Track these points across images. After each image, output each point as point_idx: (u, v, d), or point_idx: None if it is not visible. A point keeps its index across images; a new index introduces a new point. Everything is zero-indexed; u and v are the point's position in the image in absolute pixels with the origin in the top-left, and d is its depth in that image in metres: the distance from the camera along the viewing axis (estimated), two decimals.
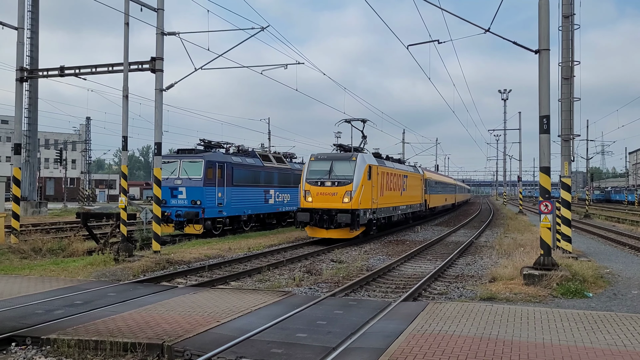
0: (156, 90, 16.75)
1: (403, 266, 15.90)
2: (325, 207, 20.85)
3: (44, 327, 7.96)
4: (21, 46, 19.31)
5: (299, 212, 21.18)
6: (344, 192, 20.83)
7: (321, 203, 21.04)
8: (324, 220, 20.82)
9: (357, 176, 21.08)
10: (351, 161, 21.59)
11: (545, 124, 12.13)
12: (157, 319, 8.38)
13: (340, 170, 21.51)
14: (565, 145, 16.40)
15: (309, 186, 21.49)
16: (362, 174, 21.23)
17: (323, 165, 21.84)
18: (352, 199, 20.72)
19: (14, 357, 7.05)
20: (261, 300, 9.81)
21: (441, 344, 7.05)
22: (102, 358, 6.95)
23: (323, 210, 20.83)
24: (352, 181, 20.94)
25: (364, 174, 21.34)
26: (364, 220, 21.38)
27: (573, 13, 16.17)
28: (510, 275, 12.43)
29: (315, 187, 21.35)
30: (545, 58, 12.22)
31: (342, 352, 6.79)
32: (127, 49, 16.50)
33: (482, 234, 27.23)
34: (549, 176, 12.34)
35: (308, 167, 22.13)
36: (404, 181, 29.27)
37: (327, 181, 21.32)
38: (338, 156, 22.37)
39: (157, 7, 16.75)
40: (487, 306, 9.49)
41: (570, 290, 10.97)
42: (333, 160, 21.90)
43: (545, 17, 12.21)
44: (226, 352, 6.70)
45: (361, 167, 21.38)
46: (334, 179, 21.27)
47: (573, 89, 16.24)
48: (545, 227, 12.06)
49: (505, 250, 17.81)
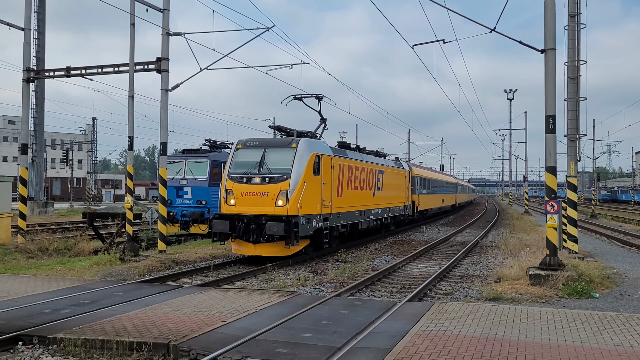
0: (162, 91, 16.81)
1: (408, 266, 15.88)
2: (253, 212, 15.25)
3: (50, 326, 8.00)
4: (28, 47, 19.41)
5: (216, 219, 15.60)
6: (277, 191, 15.18)
7: (247, 207, 15.41)
8: (250, 232, 15.16)
9: (298, 169, 15.44)
10: (290, 149, 15.89)
11: (552, 123, 12.08)
12: (163, 318, 8.41)
13: (274, 161, 15.86)
14: (571, 145, 16.34)
15: (231, 183, 15.80)
16: (305, 166, 15.56)
17: (252, 155, 16.16)
18: (288, 201, 15.01)
19: (21, 357, 7.09)
20: (266, 300, 9.83)
21: (447, 344, 7.04)
22: (109, 357, 6.98)
23: (249, 217, 15.21)
24: (290, 176, 15.28)
25: (308, 167, 15.68)
26: (308, 231, 15.62)
27: (579, 12, 16.12)
28: (516, 275, 12.39)
29: (239, 185, 15.68)
30: (551, 57, 12.18)
31: (347, 352, 6.79)
32: (133, 49, 16.56)
33: (487, 234, 27.15)
34: (555, 176, 12.29)
35: (232, 157, 16.50)
36: (379, 178, 23.12)
37: (256, 176, 15.62)
38: (273, 142, 16.64)
39: (162, 7, 16.80)
40: (492, 306, 9.46)
41: (577, 291, 10.92)
42: (266, 148, 16.16)
43: (551, 17, 12.17)
44: (232, 351, 6.71)
45: (304, 156, 15.70)
46: (265, 174, 15.60)
47: (579, 88, 16.18)
48: (551, 227, 12.02)
49: (511, 251, 17.75)
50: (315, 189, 16.18)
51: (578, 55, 16.04)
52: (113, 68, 17.82)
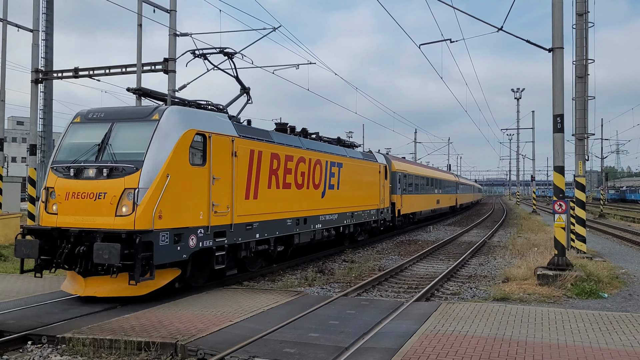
0: (169, 91, 16.86)
1: (415, 266, 15.85)
2: (81, 225, 9.48)
3: (59, 325, 8.06)
4: (36, 48, 19.52)
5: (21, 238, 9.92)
6: (120, 191, 9.44)
7: (75, 217, 9.63)
8: (76, 257, 9.40)
9: (157, 155, 9.65)
10: (148, 122, 10.06)
11: (559, 122, 12.03)
12: (171, 318, 8.44)
13: (123, 143, 10.05)
14: (579, 144, 16.27)
15: (54, 179, 10.08)
16: (172, 150, 9.85)
17: (92, 134, 10.35)
18: (137, 207, 9.28)
19: (30, 356, 7.13)
20: (274, 300, 9.84)
21: (454, 344, 7.02)
22: (117, 357, 7.01)
23: (76, 232, 9.41)
24: (143, 166, 9.52)
25: (179, 151, 9.98)
26: (178, 254, 9.89)
27: (587, 11, 16.04)
28: (523, 275, 12.34)
29: (65, 182, 9.91)
30: (559, 56, 12.12)
31: (354, 352, 6.79)
32: (141, 50, 16.63)
33: (495, 234, 27.06)
34: (563, 175, 12.23)
35: (63, 136, 10.79)
36: (333, 172, 17.13)
37: (91, 168, 9.79)
38: (125, 113, 10.53)
39: (169, 8, 16.87)
40: (500, 306, 9.43)
41: (585, 291, 10.87)
42: (115, 123, 10.27)
43: (559, 15, 12.11)
44: (239, 351, 6.72)
45: (170, 135, 9.97)
46: (104, 163, 9.77)
47: (587, 87, 16.11)
48: (559, 227, 11.96)
49: (518, 251, 17.69)
50: (195, 187, 10.33)
51: (586, 54, 15.96)
52: (121, 69, 17.89)
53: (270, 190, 13.20)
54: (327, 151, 17.06)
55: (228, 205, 11.39)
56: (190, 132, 10.32)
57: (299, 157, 14.79)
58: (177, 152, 9.93)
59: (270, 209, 13.13)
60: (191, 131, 10.34)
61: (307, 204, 15.29)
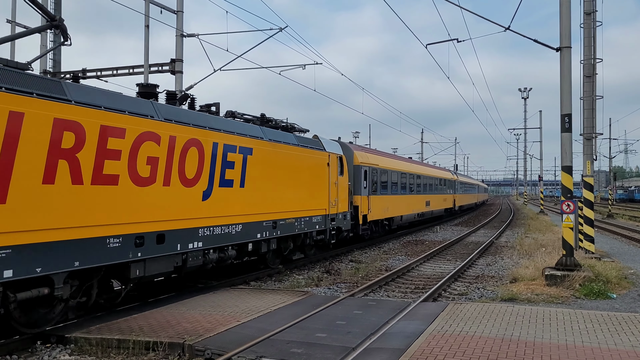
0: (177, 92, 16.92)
1: (422, 266, 15.82)
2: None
3: (67, 325, 8.10)
4: (44, 49, 19.64)
5: None
6: None
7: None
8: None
9: None
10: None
11: (567, 122, 11.97)
12: (178, 318, 8.46)
13: None
14: (587, 143, 16.19)
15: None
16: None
17: None
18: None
19: (39, 356, 7.18)
20: (280, 300, 9.85)
21: (462, 344, 7.00)
22: (125, 356, 7.04)
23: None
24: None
25: None
26: None
27: (595, 10, 15.96)
28: (531, 275, 12.29)
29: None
30: (566, 56, 12.06)
31: (362, 353, 6.78)
32: (148, 51, 16.72)
33: (502, 234, 26.96)
34: (571, 175, 12.18)
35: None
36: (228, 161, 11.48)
37: None
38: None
39: (176, 9, 16.94)
40: (508, 307, 9.39)
41: (594, 291, 10.81)
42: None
43: (566, 14, 12.06)
44: (246, 351, 6.74)
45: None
46: None
47: (595, 86, 16.03)
48: (567, 227, 11.91)
49: (526, 251, 17.62)
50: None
51: (594, 53, 15.89)
52: (128, 70, 18.01)
53: (54, 187, 7.54)
54: (219, 128, 11.31)
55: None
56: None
57: (141, 133, 9.09)
58: None
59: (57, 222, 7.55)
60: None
61: (165, 210, 9.59)
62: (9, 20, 20.11)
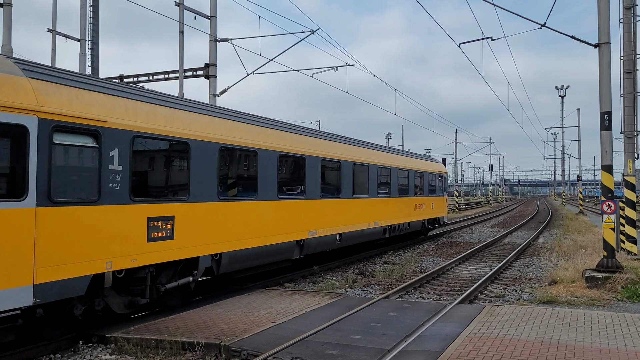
0: (210, 96, 17.18)
1: (457, 268, 15.62)
2: None
3: (108, 326, 8.30)
4: (83, 57, 20.20)
5: None
6: None
7: None
8: None
9: None
10: None
11: (607, 120, 11.67)
12: (214, 318, 8.58)
13: None
14: (628, 142, 15.76)
15: None
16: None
17: None
18: None
19: (82, 355, 7.38)
20: (315, 301, 9.87)
21: (499, 347, 6.88)
22: (163, 356, 7.18)
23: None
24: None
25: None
26: None
27: (635, 4, 15.53)
28: (571, 277, 12.01)
29: None
30: (605, 52, 11.75)
31: (397, 355, 6.75)
32: (182, 56, 17.00)
33: (540, 236, 26.40)
34: (612, 174, 11.85)
35: None
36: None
37: None
38: None
39: (210, 14, 17.19)
40: (547, 309, 9.20)
41: (637, 294, 10.49)
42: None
43: (605, 10, 11.75)
44: (281, 352, 6.78)
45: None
46: None
47: (636, 83, 15.61)
48: (608, 227, 11.59)
49: (565, 252, 17.22)
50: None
51: (634, 49, 15.45)
52: (163, 75, 18.35)
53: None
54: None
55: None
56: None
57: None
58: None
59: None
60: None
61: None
62: (49, 30, 20.75)
